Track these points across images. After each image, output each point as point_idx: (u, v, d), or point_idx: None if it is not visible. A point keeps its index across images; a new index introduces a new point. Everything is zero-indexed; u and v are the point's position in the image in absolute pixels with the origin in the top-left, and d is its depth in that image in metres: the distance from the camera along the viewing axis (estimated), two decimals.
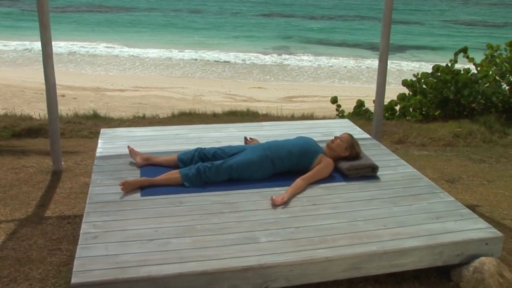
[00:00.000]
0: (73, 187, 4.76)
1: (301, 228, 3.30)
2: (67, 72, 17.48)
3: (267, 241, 3.14)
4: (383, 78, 5.48)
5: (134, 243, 3.07)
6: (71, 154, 5.85)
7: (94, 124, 7.77)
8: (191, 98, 13.80)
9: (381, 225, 3.37)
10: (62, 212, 4.18)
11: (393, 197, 3.79)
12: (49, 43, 4.85)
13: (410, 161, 6.19)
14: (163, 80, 16.29)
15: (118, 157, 4.37)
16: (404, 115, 9.14)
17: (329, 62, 21.16)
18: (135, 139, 4.86)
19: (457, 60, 9.26)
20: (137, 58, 20.87)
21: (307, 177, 3.89)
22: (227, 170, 3.90)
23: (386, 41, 5.38)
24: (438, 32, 31.70)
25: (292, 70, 19.41)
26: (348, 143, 4.16)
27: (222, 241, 3.12)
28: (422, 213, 3.56)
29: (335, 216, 3.47)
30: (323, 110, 11.09)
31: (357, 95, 13.65)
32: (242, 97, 13.98)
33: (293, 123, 5.73)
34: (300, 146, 4.06)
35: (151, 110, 11.54)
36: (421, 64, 21.08)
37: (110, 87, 14.90)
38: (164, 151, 4.52)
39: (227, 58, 21.41)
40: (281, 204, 3.59)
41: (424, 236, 3.26)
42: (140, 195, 3.68)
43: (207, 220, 3.37)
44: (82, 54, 21.34)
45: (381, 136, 7.32)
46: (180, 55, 21.86)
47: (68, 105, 11.75)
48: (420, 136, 7.54)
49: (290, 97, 14.19)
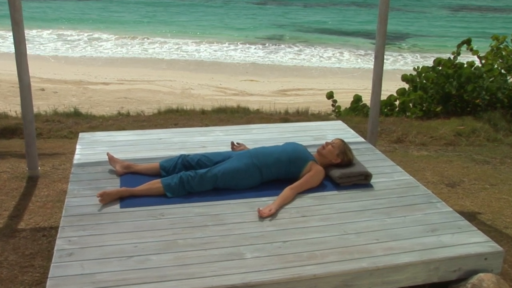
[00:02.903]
0: (50, 194, 4.75)
1: (289, 243, 3.30)
2: (47, 64, 17.40)
3: (253, 257, 3.15)
4: (379, 76, 5.47)
5: (112, 261, 3.07)
6: (49, 157, 5.83)
7: (75, 122, 7.76)
8: (179, 91, 13.77)
9: (373, 238, 3.38)
10: (37, 224, 4.16)
11: (387, 208, 3.80)
12: (22, 41, 4.82)
13: (408, 162, 6.24)
14: (150, 73, 16.23)
15: (97, 164, 4.36)
16: (404, 111, 9.15)
17: (325, 53, 21.12)
18: (115, 144, 4.85)
19: (460, 53, 9.26)
20: (124, 47, 20.82)
21: (296, 186, 3.89)
22: (212, 179, 3.90)
23: (382, 39, 5.38)
24: (441, 20, 31.69)
25: (286, 61, 19.36)
26: (340, 149, 4.16)
27: (205, 257, 3.13)
28: (417, 225, 3.57)
29: (325, 229, 3.48)
30: (319, 104, 11.10)
31: (355, 88, 13.67)
32: (234, 91, 13.95)
33: (283, 125, 5.74)
34: (289, 153, 4.06)
35: (137, 105, 11.52)
36: (421, 55, 21.10)
37: (93, 80, 14.84)
38: (146, 158, 4.52)
39: (216, 49, 21.36)
40: (268, 216, 3.59)
41: (418, 250, 3.27)
42: (119, 207, 3.67)
43: (190, 234, 3.37)
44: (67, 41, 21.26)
45: (379, 135, 7.36)
46: (167, 45, 21.81)
47: (48, 100, 11.73)
48: (420, 135, 7.56)
49: (284, 90, 14.18)
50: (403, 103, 9.16)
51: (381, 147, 6.74)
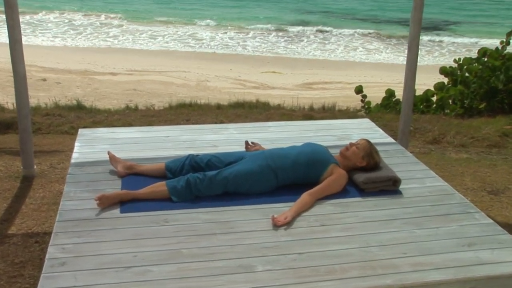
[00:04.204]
0: (46, 196, 4.78)
1: (305, 255, 3.26)
2: (50, 51, 17.59)
3: (264, 270, 3.11)
4: (413, 69, 5.41)
5: (108, 272, 3.06)
6: (47, 154, 5.88)
7: (77, 117, 7.83)
8: (194, 84, 13.84)
9: (400, 252, 3.32)
10: (30, 229, 4.19)
11: (417, 218, 3.73)
12: (16, 26, 4.85)
13: (445, 166, 6.17)
14: (162, 62, 16.32)
15: (96, 164, 4.37)
16: (442, 108, 9.09)
17: (357, 42, 21.00)
18: (118, 142, 4.85)
19: (509, 42, 9.12)
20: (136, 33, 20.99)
21: (315, 191, 3.85)
22: (222, 182, 3.88)
23: (417, 27, 5.32)
24: (488, 3, 31.23)
25: (312, 51, 19.29)
26: (365, 151, 4.11)
27: (211, 270, 3.09)
28: (451, 239, 3.49)
29: (347, 240, 3.43)
30: (347, 99, 11.06)
31: (388, 81, 13.57)
32: (254, 84, 13.99)
33: (304, 123, 5.70)
34: (308, 154, 4.02)
35: (147, 98, 11.61)
36: (463, 44, 20.85)
37: (100, 69, 14.99)
38: (151, 157, 4.51)
39: (236, 37, 21.38)
40: (283, 225, 3.55)
41: (452, 267, 3.19)
42: (119, 212, 3.67)
43: (196, 243, 3.35)
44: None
45: (413, 135, 7.29)
46: (180, 31, 21.91)
47: (50, 91, 11.86)
48: (459, 135, 7.49)
49: (310, 83, 14.16)
50: (441, 99, 9.09)
51: (415, 149, 6.67)
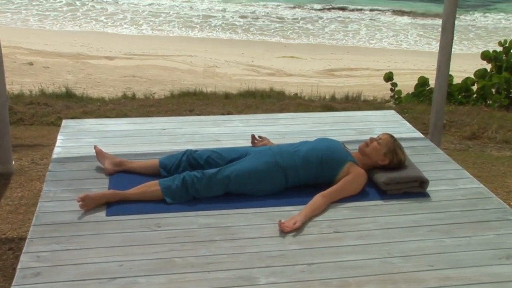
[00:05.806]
0: (25, 196, 4.80)
1: (316, 266, 3.24)
2: (38, 32, 17.70)
3: (268, 282, 3.09)
4: (447, 54, 5.37)
5: (90, 283, 3.04)
6: (28, 149, 5.91)
7: (66, 106, 7.86)
8: (201, 69, 13.87)
9: (426, 264, 3.28)
10: (4, 233, 4.21)
11: (446, 225, 3.69)
12: None
13: (484, 165, 6.13)
14: (165, 45, 16.36)
15: (81, 159, 4.37)
16: (484, 99, 9.05)
17: (387, 22, 20.92)
18: (106, 135, 4.86)
19: None
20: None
21: (329, 193, 3.83)
22: (223, 181, 3.87)
23: (452, 5, 5.27)
24: None
25: (336, 32, 19.24)
26: (388, 147, 4.07)
27: (208, 282, 3.08)
28: (486, 250, 3.45)
29: (364, 250, 3.40)
30: (375, 88, 11.03)
31: (423, 68, 13.50)
32: (269, 70, 14.01)
33: (320, 115, 5.67)
34: (322, 151, 3.99)
35: (147, 86, 11.64)
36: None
37: (94, 53, 15.09)
38: (144, 153, 4.51)
39: (249, 15, 21.40)
40: (292, 231, 3.53)
41: (487, 283, 3.15)
42: (105, 215, 3.67)
43: (191, 251, 3.34)
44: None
45: (448, 129, 7.25)
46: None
47: (37, 76, 11.93)
48: (502, 129, 7.48)
49: (332, 70, 14.16)
50: (483, 88, 9.06)
51: (449, 145, 6.64)
